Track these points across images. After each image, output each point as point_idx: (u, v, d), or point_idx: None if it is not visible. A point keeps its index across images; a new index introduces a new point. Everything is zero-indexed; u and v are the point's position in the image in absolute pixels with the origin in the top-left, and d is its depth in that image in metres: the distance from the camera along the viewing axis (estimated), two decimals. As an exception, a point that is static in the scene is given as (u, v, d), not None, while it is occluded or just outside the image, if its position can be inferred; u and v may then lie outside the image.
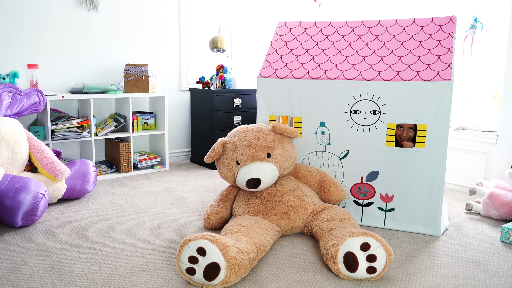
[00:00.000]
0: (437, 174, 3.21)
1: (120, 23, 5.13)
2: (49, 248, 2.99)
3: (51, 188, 3.72)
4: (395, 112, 3.25)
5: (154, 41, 5.44)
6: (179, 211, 3.81)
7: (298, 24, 3.89)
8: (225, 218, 3.39)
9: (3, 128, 3.53)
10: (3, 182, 3.27)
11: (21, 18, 4.51)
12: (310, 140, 3.57)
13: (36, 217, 3.34)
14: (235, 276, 2.44)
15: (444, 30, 3.37)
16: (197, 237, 2.42)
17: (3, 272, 2.63)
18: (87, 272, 2.65)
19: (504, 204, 3.56)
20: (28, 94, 3.96)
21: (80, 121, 4.65)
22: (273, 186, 3.33)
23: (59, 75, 4.83)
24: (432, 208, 3.26)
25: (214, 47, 5.44)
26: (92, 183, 4.09)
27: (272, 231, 3.03)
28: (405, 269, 2.75)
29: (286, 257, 2.89)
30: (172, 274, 2.64)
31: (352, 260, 2.54)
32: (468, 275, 2.69)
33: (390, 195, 3.37)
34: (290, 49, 3.74)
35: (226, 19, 5.90)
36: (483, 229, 3.45)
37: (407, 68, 3.26)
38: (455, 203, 4.07)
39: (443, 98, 3.09)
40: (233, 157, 3.31)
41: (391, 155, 3.31)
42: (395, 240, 3.21)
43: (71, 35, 4.84)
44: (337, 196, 3.39)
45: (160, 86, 5.49)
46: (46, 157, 3.75)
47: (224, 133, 4.90)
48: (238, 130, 3.43)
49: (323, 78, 3.44)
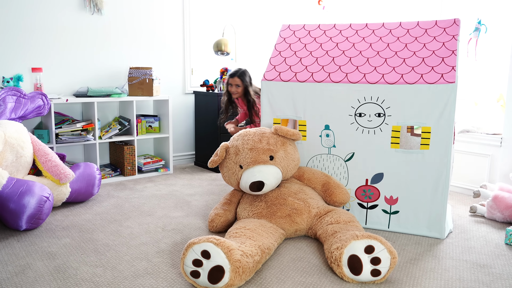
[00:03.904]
0: (441, 176, 3.20)
1: (124, 26, 5.15)
2: (53, 251, 3.00)
3: (56, 191, 3.73)
4: (399, 115, 3.25)
5: (158, 44, 5.45)
6: (183, 214, 3.81)
7: (302, 27, 3.89)
8: (229, 221, 3.39)
9: (8, 132, 3.54)
10: (7, 186, 3.28)
11: (25, 22, 4.53)
12: (315, 143, 3.57)
13: (40, 221, 3.35)
14: (239, 279, 2.44)
15: (448, 33, 3.36)
16: (201, 240, 2.42)
17: (7, 276, 2.64)
18: (92, 275, 2.65)
19: (508, 206, 3.55)
20: (32, 97, 3.97)
21: (84, 124, 4.66)
22: (277, 189, 3.33)
23: (63, 79, 4.84)
24: (437, 211, 3.26)
25: (218, 50, 5.45)
26: (97, 186, 4.10)
27: (277, 234, 3.03)
28: (410, 272, 2.74)
29: (291, 260, 2.88)
30: (177, 277, 2.64)
31: (356, 263, 2.54)
32: (473, 277, 2.68)
33: (394, 197, 3.37)
34: (294, 51, 3.75)
35: (230, 22, 5.90)
36: (488, 232, 3.44)
37: (411, 71, 3.25)
38: (460, 206, 4.06)
39: (447, 100, 3.09)
40: (236, 160, 3.32)
41: (396, 157, 3.31)
42: (400, 242, 3.21)
43: (75, 39, 4.86)
44: (342, 198, 3.39)
45: (164, 89, 5.50)
46: (50, 161, 3.75)
47: (228, 136, 4.91)
48: (241, 134, 3.44)
49: (327, 82, 3.44)
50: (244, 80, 4.52)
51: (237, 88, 4.54)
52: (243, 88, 4.54)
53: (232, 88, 4.56)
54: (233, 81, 4.54)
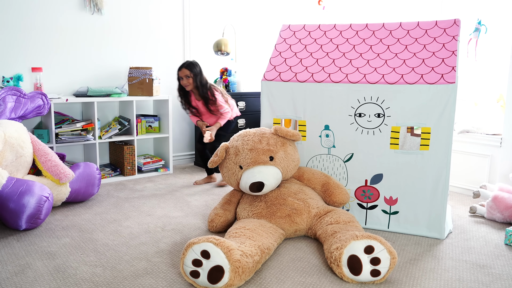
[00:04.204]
0: (441, 177, 3.20)
1: (124, 26, 5.15)
2: (53, 251, 3.00)
3: (55, 191, 3.73)
4: (399, 115, 3.25)
5: (158, 44, 5.45)
6: (183, 214, 3.81)
7: (302, 27, 3.89)
8: (229, 221, 3.39)
9: (7, 131, 3.54)
10: (7, 185, 3.28)
11: (25, 21, 4.53)
12: (315, 143, 3.57)
13: (40, 220, 3.35)
14: (239, 279, 2.44)
15: (448, 33, 3.36)
16: (201, 240, 2.42)
17: (7, 275, 2.64)
18: (91, 275, 2.65)
19: (508, 207, 3.55)
20: (32, 97, 3.97)
21: (84, 124, 4.66)
22: (277, 189, 3.33)
23: (63, 78, 4.84)
24: (436, 211, 3.26)
25: (218, 50, 5.45)
26: (96, 186, 4.10)
27: (276, 234, 3.03)
28: (409, 272, 2.74)
29: (290, 260, 2.88)
30: (176, 277, 2.64)
31: (356, 263, 2.54)
32: (472, 278, 2.68)
33: (394, 198, 3.37)
34: (294, 52, 3.75)
35: (230, 22, 5.91)
36: (487, 232, 3.44)
37: (411, 71, 3.26)
38: (459, 206, 4.06)
39: (447, 101, 3.09)
40: (236, 161, 3.32)
41: (396, 158, 3.31)
42: (399, 243, 3.21)
43: (75, 38, 4.86)
44: (341, 198, 3.39)
45: (164, 89, 5.50)
46: (50, 160, 3.75)
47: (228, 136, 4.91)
48: (241, 134, 3.44)
49: (327, 82, 3.44)
50: (193, 70, 4.49)
51: (188, 80, 4.50)
52: (194, 78, 4.50)
53: (184, 80, 4.53)
54: (182, 73, 4.51)
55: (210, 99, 4.54)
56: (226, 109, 4.56)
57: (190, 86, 4.55)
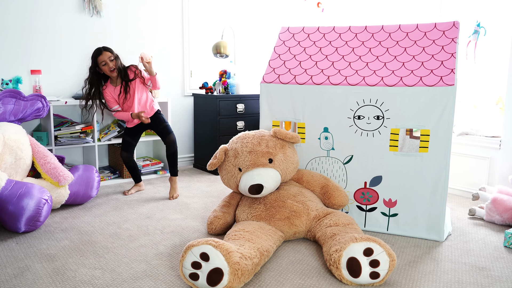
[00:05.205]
0: (440, 179, 3.20)
1: (123, 28, 5.15)
2: (52, 253, 3.00)
3: (54, 193, 3.73)
4: (398, 117, 3.25)
5: (157, 46, 5.45)
6: (182, 216, 3.81)
7: (301, 29, 3.90)
8: (228, 224, 3.39)
9: (6, 134, 3.54)
10: (6, 188, 3.28)
11: (24, 24, 4.53)
12: (314, 145, 3.57)
13: (39, 223, 3.34)
14: (238, 282, 2.44)
15: (447, 36, 3.37)
16: (200, 242, 2.42)
17: (6, 278, 2.63)
18: (90, 278, 2.65)
19: (507, 209, 3.55)
20: (32, 99, 3.96)
21: (83, 127, 4.65)
22: (276, 191, 3.33)
23: (62, 81, 4.84)
24: (435, 213, 3.26)
25: (217, 52, 5.45)
26: (95, 189, 4.10)
27: (275, 236, 3.03)
28: (408, 274, 2.74)
29: (289, 263, 2.88)
30: (175, 279, 2.64)
31: (355, 265, 2.54)
32: (471, 280, 2.68)
33: (393, 200, 3.37)
34: (293, 54, 3.75)
35: (229, 25, 5.91)
36: (486, 234, 3.44)
37: (410, 74, 3.26)
38: (458, 208, 4.06)
39: (446, 103, 3.09)
40: (235, 163, 3.32)
41: (395, 160, 3.31)
42: (398, 245, 3.21)
43: (74, 40, 4.86)
44: (341, 201, 3.39)
45: (163, 92, 5.50)
46: (49, 163, 3.75)
47: (227, 138, 4.90)
48: (240, 136, 3.44)
49: (326, 84, 3.45)
50: (113, 52, 4.26)
51: (113, 62, 4.23)
52: (116, 60, 4.25)
53: (109, 64, 4.20)
54: (105, 56, 4.20)
55: (136, 74, 4.35)
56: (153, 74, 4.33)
57: (115, 70, 4.27)
